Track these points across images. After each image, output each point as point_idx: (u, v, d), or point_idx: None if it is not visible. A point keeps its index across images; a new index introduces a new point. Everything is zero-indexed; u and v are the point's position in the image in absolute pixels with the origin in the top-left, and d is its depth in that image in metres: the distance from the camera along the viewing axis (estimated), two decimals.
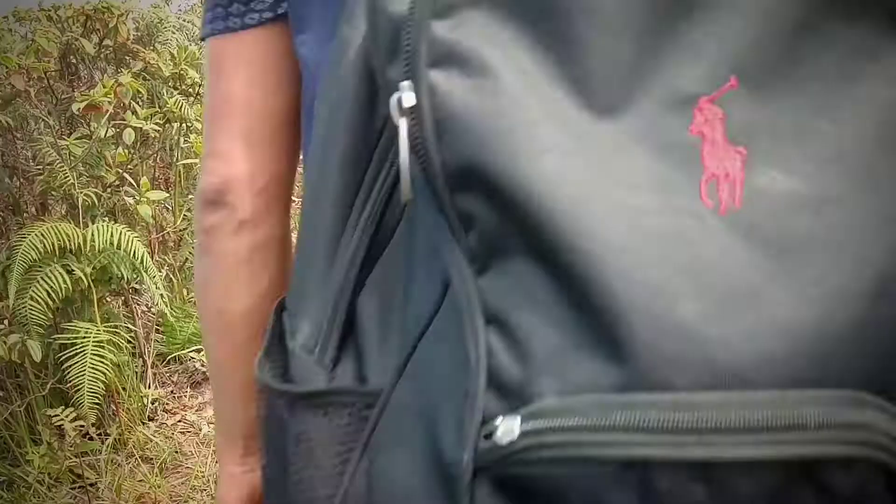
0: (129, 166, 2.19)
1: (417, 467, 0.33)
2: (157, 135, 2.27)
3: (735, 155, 0.29)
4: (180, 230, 2.59)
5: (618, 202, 0.28)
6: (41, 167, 1.99)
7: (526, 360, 0.29)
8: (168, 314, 2.20)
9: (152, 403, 2.09)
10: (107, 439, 1.86)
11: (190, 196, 2.80)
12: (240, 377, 0.53)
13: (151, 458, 1.89)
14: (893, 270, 0.29)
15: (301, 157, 0.54)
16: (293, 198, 0.57)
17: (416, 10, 0.30)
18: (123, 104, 2.05)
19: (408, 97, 0.30)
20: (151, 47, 2.74)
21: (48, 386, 1.78)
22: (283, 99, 0.50)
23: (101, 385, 1.72)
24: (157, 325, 2.30)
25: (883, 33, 0.29)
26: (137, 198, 2.04)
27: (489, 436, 0.29)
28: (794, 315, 0.27)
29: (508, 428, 0.28)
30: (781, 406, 0.27)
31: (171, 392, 2.19)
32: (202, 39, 0.51)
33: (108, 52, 2.54)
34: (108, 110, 2.00)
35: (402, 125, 0.30)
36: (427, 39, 0.29)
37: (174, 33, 2.91)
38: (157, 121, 2.25)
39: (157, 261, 2.36)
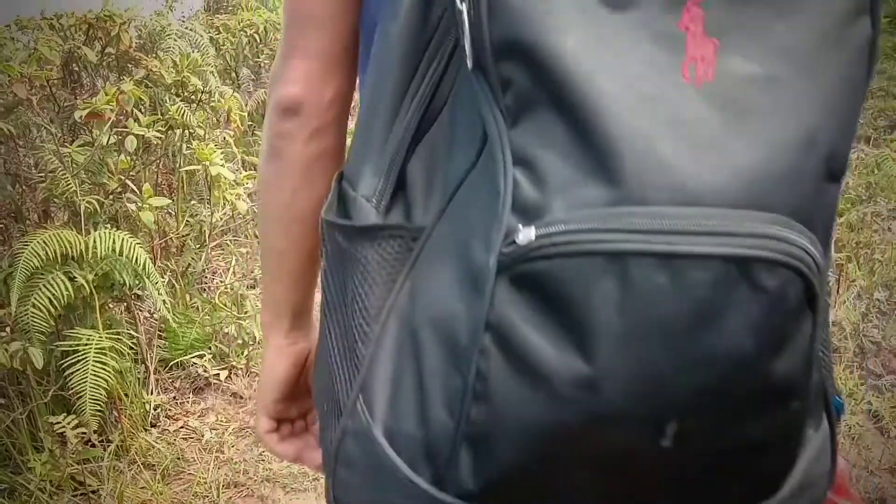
0: (131, 173, 2.19)
1: (451, 277, 0.44)
2: (160, 142, 2.27)
3: (710, 44, 0.40)
4: (183, 236, 2.59)
5: (621, 73, 0.39)
6: (43, 175, 1.99)
7: (543, 186, 0.39)
8: (170, 320, 2.19)
9: (154, 410, 2.08)
10: (109, 446, 1.86)
11: (192, 202, 2.80)
12: (294, 262, 0.62)
13: (153, 465, 1.89)
14: (820, 132, 0.40)
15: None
16: None
17: None
18: (126, 112, 2.05)
19: None
20: (154, 55, 2.75)
21: (50, 393, 1.78)
22: (351, 19, 0.57)
23: (103, 392, 1.72)
24: (160, 330, 2.30)
25: None
26: (140, 204, 2.04)
27: (511, 243, 0.39)
28: (744, 158, 0.38)
29: (527, 234, 0.39)
30: (728, 220, 0.38)
31: (174, 398, 2.19)
32: None
33: (110, 59, 2.55)
34: (110, 118, 2.00)
35: (463, 9, 0.41)
36: None
37: (176, 41, 2.92)
38: (160, 128, 2.26)
39: (159, 267, 2.36)
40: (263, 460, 1.95)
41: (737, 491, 0.45)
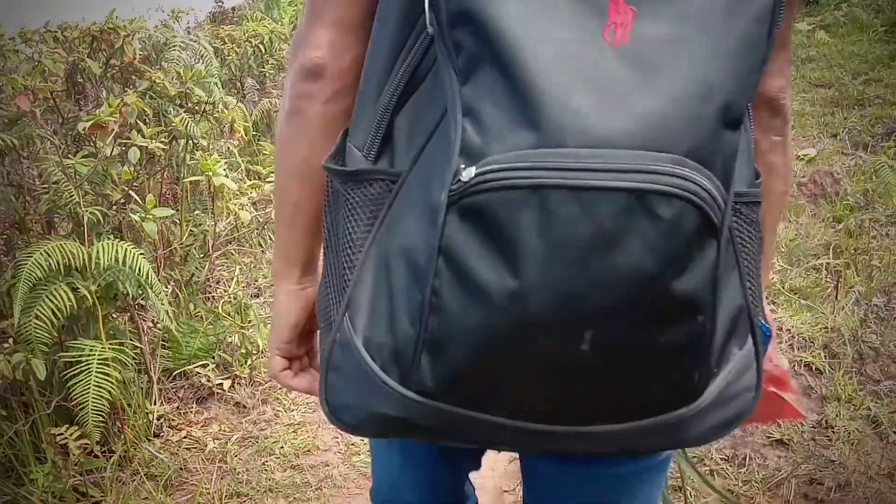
0: (134, 184, 2.21)
1: (417, 213, 0.52)
2: (163, 153, 2.29)
3: (630, 11, 0.48)
4: (186, 245, 2.60)
5: (551, 37, 0.47)
6: (47, 186, 2.01)
7: (484, 134, 0.48)
8: (174, 330, 2.20)
9: (158, 420, 2.09)
10: (111, 457, 1.86)
11: (196, 212, 2.82)
12: (309, 211, 0.69)
13: (156, 476, 1.89)
14: (717, 86, 0.47)
15: None
16: None
17: None
18: (129, 123, 2.07)
19: None
20: (158, 66, 2.77)
21: (53, 404, 1.79)
22: None
23: (106, 402, 1.72)
24: (163, 340, 2.31)
25: None
26: (143, 215, 2.05)
27: (457, 182, 0.48)
28: (648, 107, 0.46)
29: (468, 173, 0.47)
30: (630, 159, 0.45)
31: (177, 408, 2.20)
32: None
33: (114, 71, 2.57)
34: (113, 129, 2.02)
35: None
36: None
37: (180, 52, 2.94)
38: (163, 139, 2.27)
39: (163, 276, 2.37)
40: (266, 470, 1.96)
41: (657, 394, 0.53)
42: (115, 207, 2.09)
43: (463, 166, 0.48)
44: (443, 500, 0.89)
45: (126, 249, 1.86)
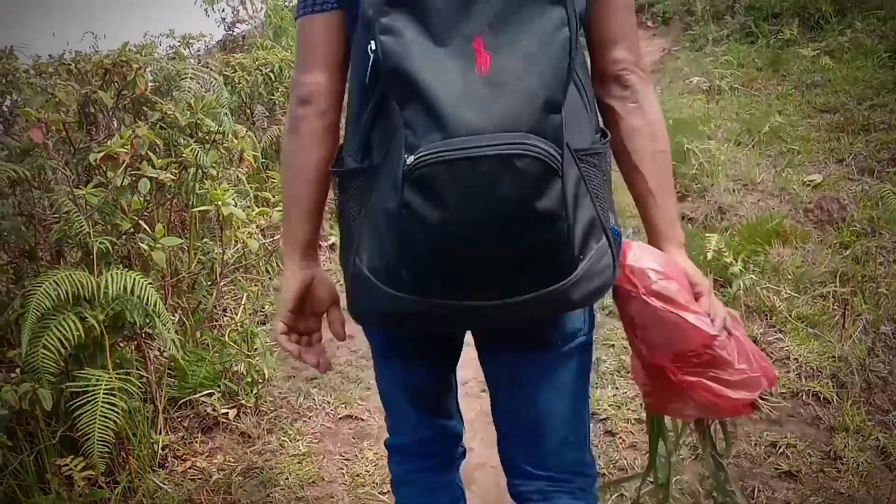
0: (144, 212, 2.23)
1: (388, 188, 0.85)
2: (173, 182, 2.31)
3: (487, 55, 0.82)
4: (194, 273, 2.62)
5: (444, 78, 0.81)
6: (57, 216, 2.03)
7: (417, 136, 0.80)
8: (180, 358, 2.21)
9: (163, 449, 2.09)
10: (116, 487, 1.86)
11: (205, 239, 2.84)
12: (308, 203, 1.03)
13: None
14: (539, 91, 0.81)
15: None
16: None
17: (374, 9, 0.82)
18: (140, 154, 2.09)
19: (372, 46, 0.83)
20: (169, 97, 2.81)
21: (58, 434, 1.79)
22: (342, 45, 0.99)
23: (112, 433, 1.73)
24: (169, 369, 2.31)
25: (547, 5, 0.82)
26: (152, 244, 2.07)
27: (405, 164, 0.80)
28: (503, 108, 0.80)
29: (411, 159, 0.80)
30: (496, 137, 0.79)
31: (182, 437, 2.20)
32: (296, 18, 1.00)
33: (126, 102, 2.61)
34: (124, 160, 2.05)
35: (372, 55, 0.85)
36: (378, 25, 0.82)
37: (191, 83, 2.98)
38: (173, 169, 2.30)
39: (170, 304, 2.39)
40: (270, 502, 1.95)
41: (546, 271, 0.87)
42: (124, 237, 2.11)
43: (407, 155, 0.80)
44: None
45: (134, 279, 1.87)
